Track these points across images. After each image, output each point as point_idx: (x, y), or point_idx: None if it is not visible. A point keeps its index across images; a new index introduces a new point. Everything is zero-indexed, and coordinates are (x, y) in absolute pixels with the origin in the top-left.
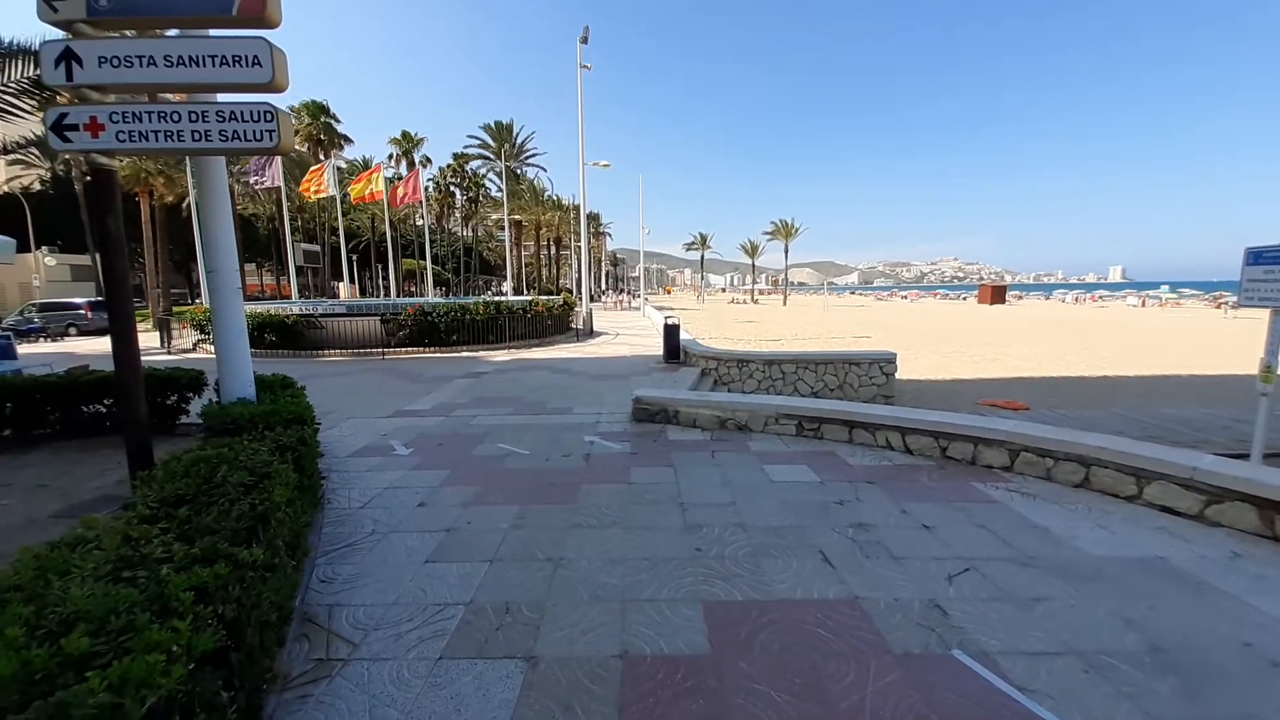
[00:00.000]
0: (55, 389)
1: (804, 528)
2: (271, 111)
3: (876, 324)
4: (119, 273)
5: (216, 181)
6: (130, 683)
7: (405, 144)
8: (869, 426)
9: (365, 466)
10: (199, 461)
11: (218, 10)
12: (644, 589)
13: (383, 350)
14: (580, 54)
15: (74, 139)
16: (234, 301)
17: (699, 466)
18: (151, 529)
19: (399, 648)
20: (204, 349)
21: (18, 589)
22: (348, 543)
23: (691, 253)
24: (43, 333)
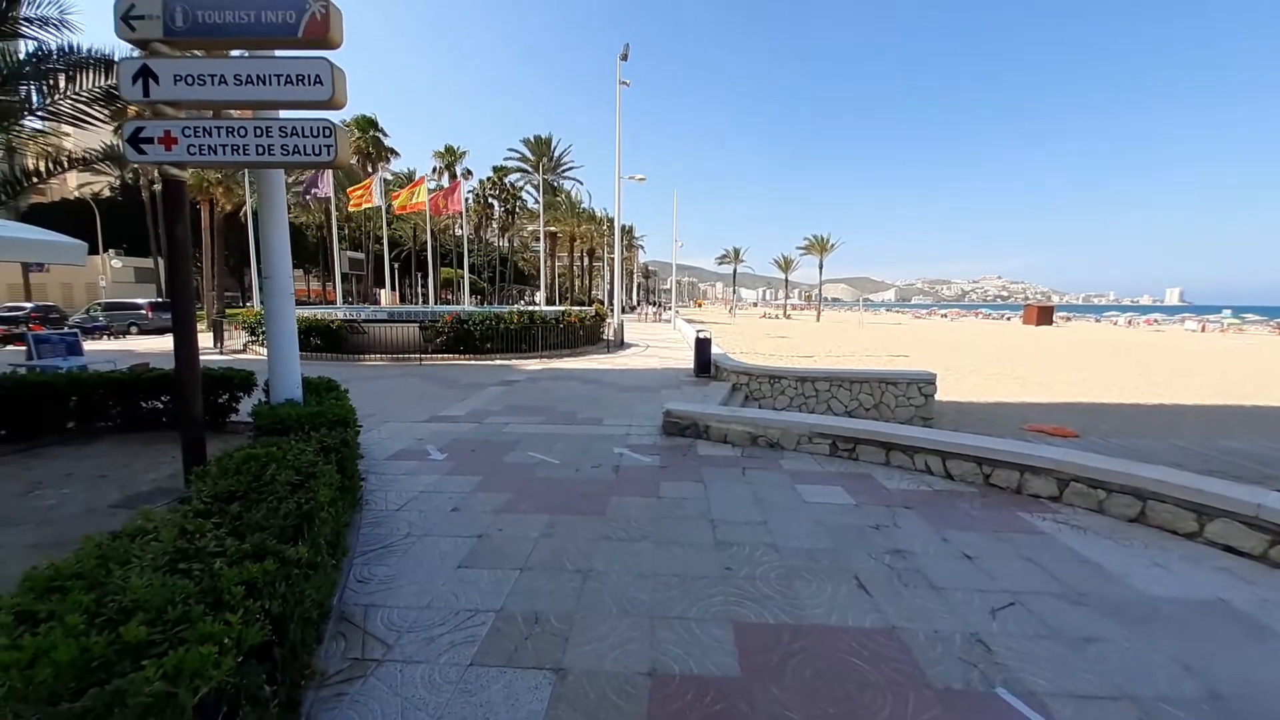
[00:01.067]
0: (118, 385)
1: (838, 551)
2: (330, 127)
3: (914, 342)
4: (184, 277)
5: (276, 193)
6: (184, 673)
7: (448, 157)
8: (907, 449)
9: (402, 470)
10: (250, 459)
11: (284, 33)
12: (673, 606)
13: (420, 356)
14: (620, 70)
15: (149, 151)
16: (287, 306)
17: (730, 483)
18: (205, 523)
19: (431, 651)
20: (253, 350)
21: (80, 577)
22: (384, 544)
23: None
24: (107, 331)
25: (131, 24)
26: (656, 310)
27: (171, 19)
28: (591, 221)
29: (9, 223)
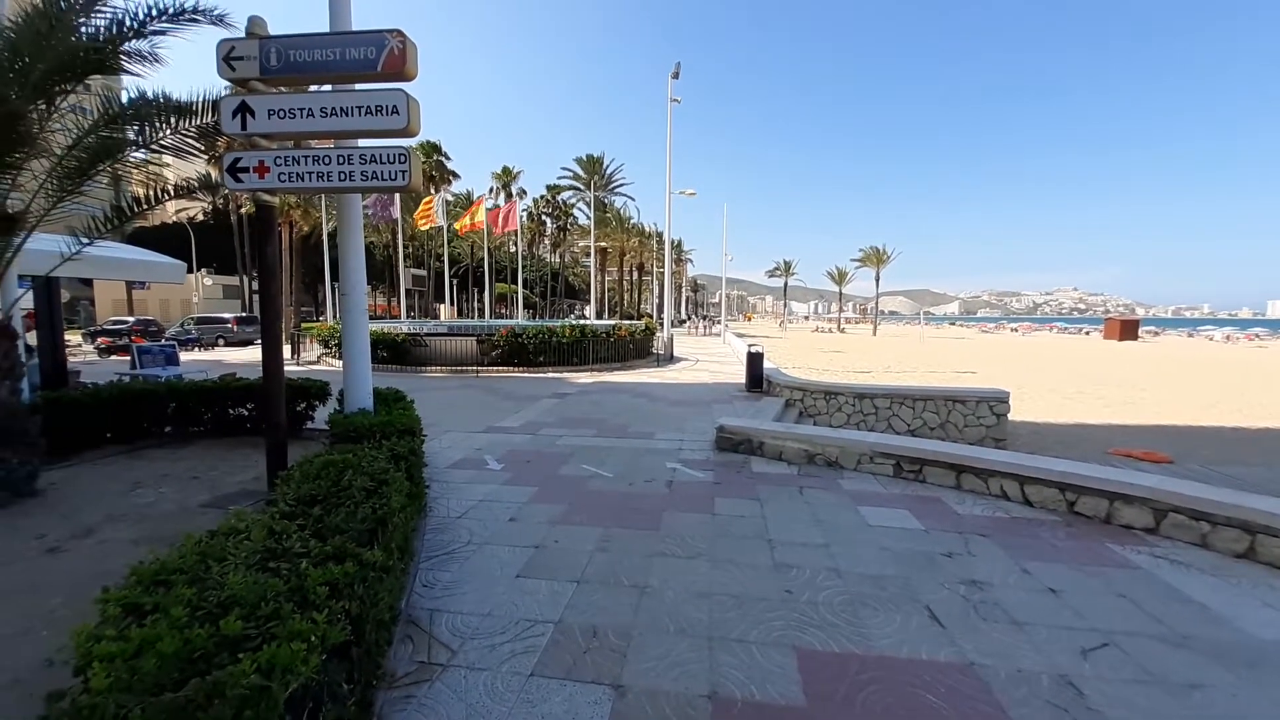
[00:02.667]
0: (209, 393)
1: (907, 579)
2: (405, 154)
3: (982, 358)
4: (272, 293)
5: (354, 216)
6: (277, 667)
7: (505, 178)
8: (980, 472)
9: (462, 478)
10: (329, 465)
11: (365, 68)
12: (732, 627)
13: (477, 368)
14: (671, 89)
15: (244, 179)
16: (361, 322)
17: (787, 502)
18: (290, 525)
19: (493, 659)
20: (326, 361)
21: (182, 571)
22: (446, 550)
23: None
24: (198, 343)
25: (232, 64)
26: (705, 324)
27: (267, 59)
28: (641, 236)
29: (119, 245)
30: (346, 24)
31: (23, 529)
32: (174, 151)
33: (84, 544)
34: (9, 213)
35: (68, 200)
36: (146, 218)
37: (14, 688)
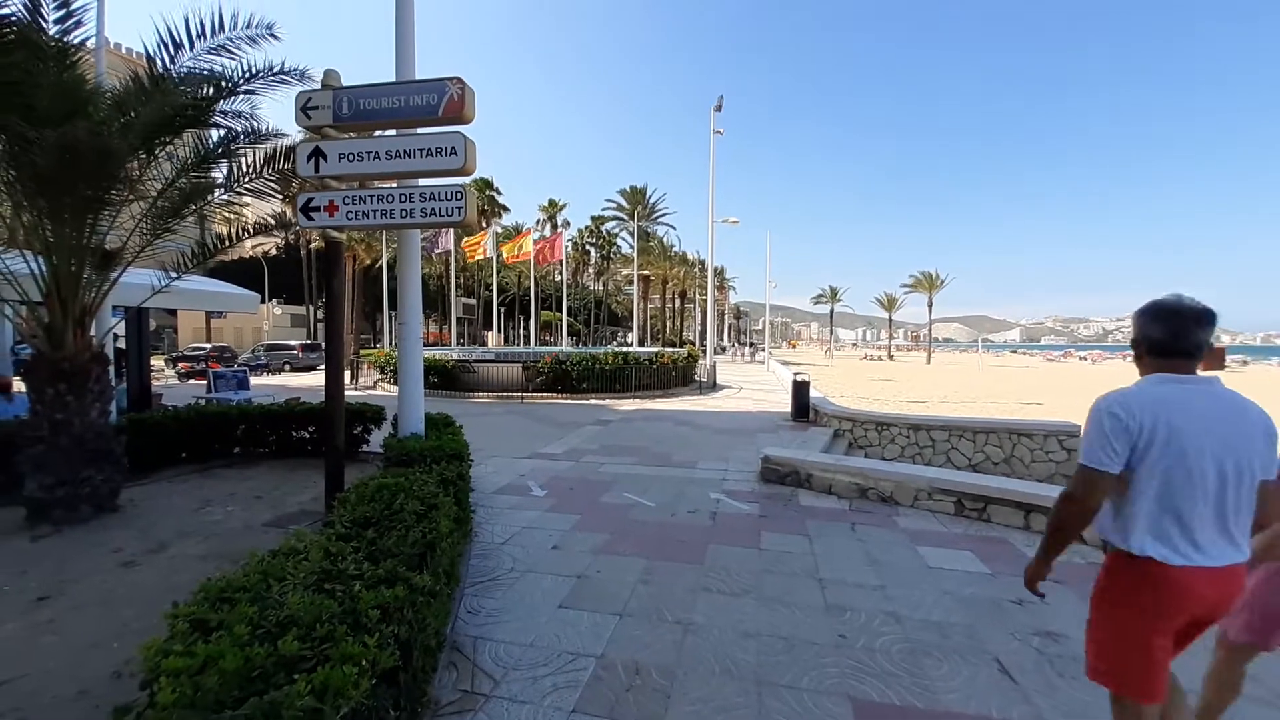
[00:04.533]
0: (275, 416)
1: (973, 627)
2: (461, 191)
3: (1048, 388)
4: (337, 323)
5: (412, 250)
6: (330, 690)
7: (551, 210)
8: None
9: (506, 504)
10: (382, 489)
11: (427, 113)
12: (781, 672)
13: (522, 395)
14: (714, 121)
15: (316, 218)
16: (416, 350)
17: (838, 538)
18: (346, 546)
19: (535, 692)
20: (382, 386)
21: (246, 590)
22: (490, 577)
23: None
24: (267, 368)
25: (308, 113)
26: (749, 351)
27: (339, 108)
28: (683, 264)
29: (202, 278)
30: (411, 73)
31: (102, 543)
32: (254, 194)
33: (157, 558)
34: (107, 249)
35: (160, 238)
36: (227, 253)
37: (81, 699)
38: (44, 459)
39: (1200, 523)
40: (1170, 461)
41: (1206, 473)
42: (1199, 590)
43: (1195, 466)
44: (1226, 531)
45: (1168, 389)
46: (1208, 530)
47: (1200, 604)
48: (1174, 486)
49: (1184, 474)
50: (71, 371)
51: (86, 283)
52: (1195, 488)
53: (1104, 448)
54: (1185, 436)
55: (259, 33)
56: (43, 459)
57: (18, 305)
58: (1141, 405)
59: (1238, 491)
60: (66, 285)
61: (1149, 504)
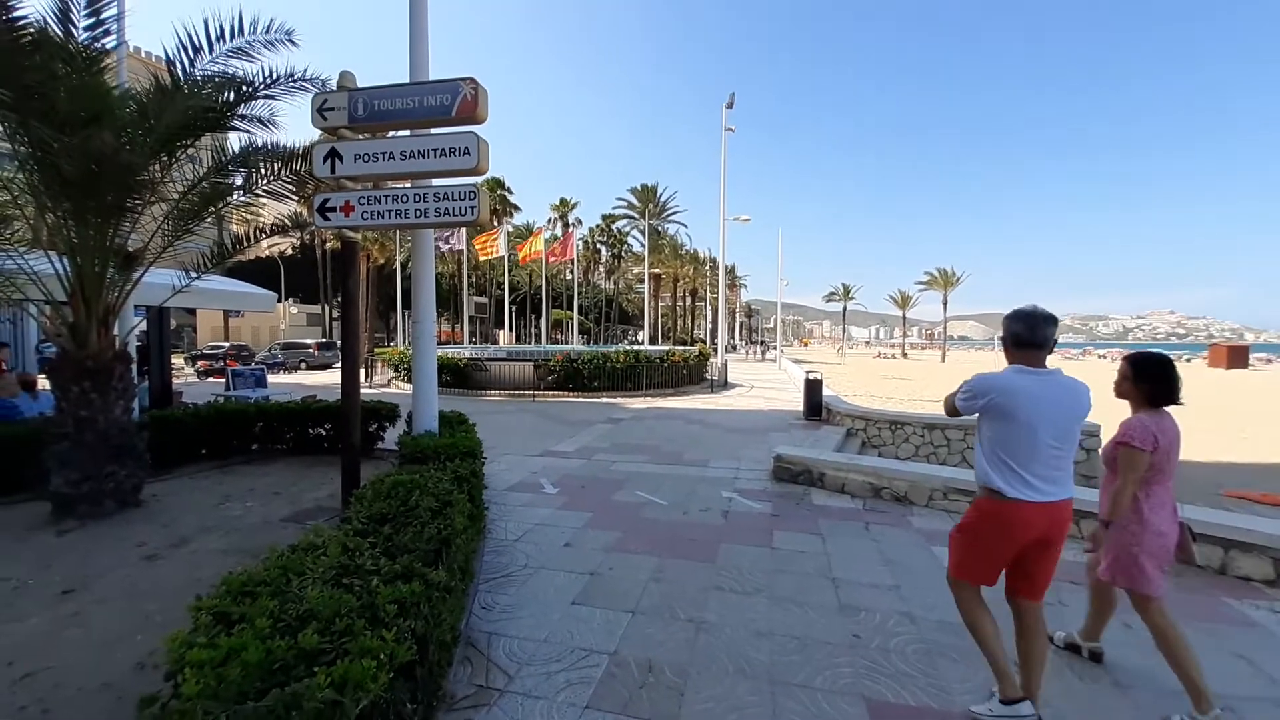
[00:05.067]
0: (292, 414)
1: None
2: (474, 191)
3: None
4: (353, 322)
5: (426, 249)
6: (349, 684)
7: (562, 209)
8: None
9: (519, 501)
10: (398, 485)
11: (441, 114)
12: (795, 672)
13: (534, 393)
14: (725, 118)
15: (332, 218)
16: (430, 348)
17: (851, 538)
18: (363, 542)
19: (549, 688)
20: (396, 385)
21: (267, 584)
22: (504, 573)
23: (831, 304)
24: (283, 366)
25: (324, 115)
26: (760, 349)
27: (354, 109)
28: (694, 262)
29: (220, 278)
30: (425, 73)
31: (126, 537)
32: (271, 195)
33: (179, 552)
34: (129, 251)
35: (180, 239)
36: (244, 253)
37: (105, 691)
38: (69, 455)
39: (1032, 470)
40: (1011, 426)
41: (1036, 434)
42: (1034, 520)
43: (1027, 430)
44: (1051, 477)
45: (1019, 377)
46: (1039, 475)
47: (1035, 528)
48: (1013, 445)
49: (1019, 435)
50: (95, 369)
51: (110, 283)
52: (1028, 445)
53: (965, 404)
54: (1021, 410)
55: (277, 37)
56: (68, 455)
57: (43, 305)
58: (995, 386)
59: (1060, 449)
60: (90, 285)
61: (997, 455)
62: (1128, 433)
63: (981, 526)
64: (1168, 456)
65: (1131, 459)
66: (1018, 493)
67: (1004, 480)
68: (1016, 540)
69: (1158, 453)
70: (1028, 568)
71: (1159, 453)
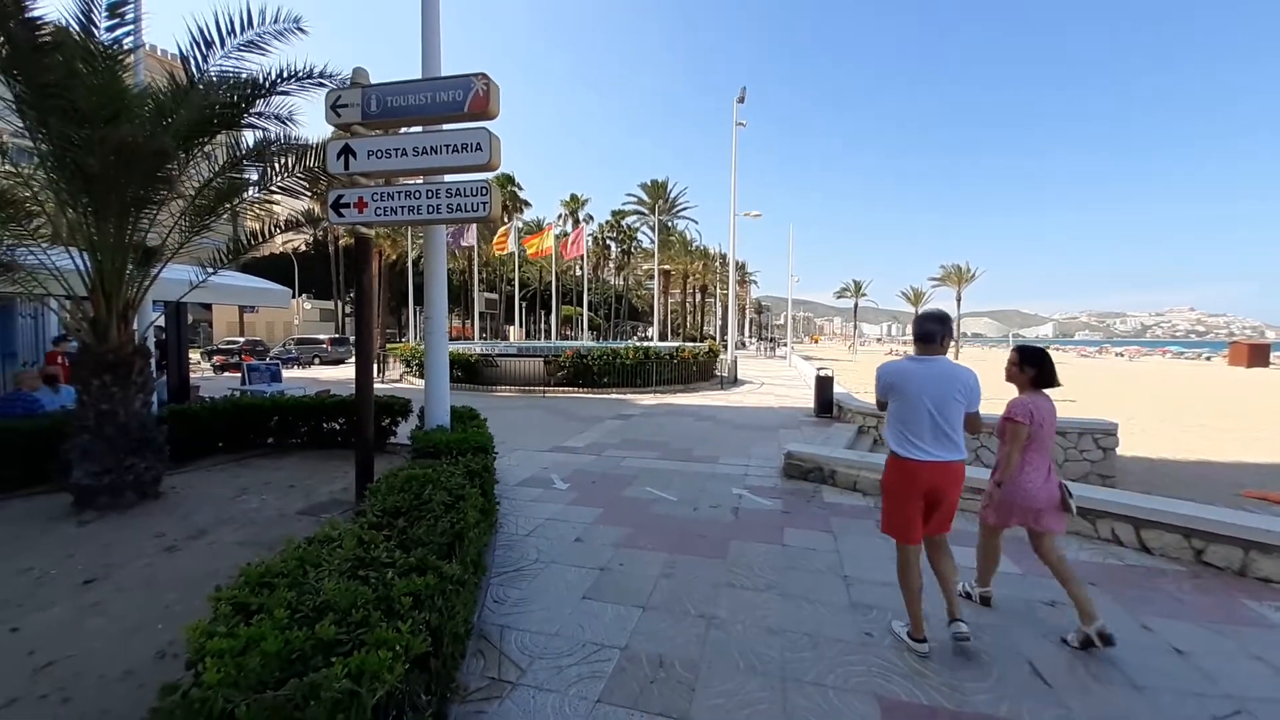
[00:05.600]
0: (307, 408)
1: (1004, 629)
2: (486, 187)
3: (1083, 385)
4: (366, 318)
5: (438, 246)
6: (366, 674)
7: (572, 205)
8: (1087, 512)
9: (529, 496)
10: (411, 479)
11: (453, 110)
12: (806, 669)
13: (544, 389)
14: (736, 112)
15: (345, 214)
16: (442, 344)
17: (863, 536)
18: (378, 535)
19: (560, 681)
20: (408, 380)
21: (284, 575)
22: (515, 567)
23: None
24: (297, 361)
25: (338, 111)
26: (770, 346)
27: (368, 105)
28: (704, 259)
29: (236, 273)
30: (437, 69)
31: (145, 528)
32: (284, 191)
33: (196, 544)
34: (148, 247)
35: (198, 235)
36: (259, 249)
37: (127, 679)
38: (90, 447)
39: (921, 436)
40: (904, 400)
41: (921, 406)
42: (926, 475)
43: (915, 402)
44: (939, 441)
45: (909, 363)
46: (926, 440)
47: (929, 483)
48: (905, 415)
49: (908, 408)
50: (116, 364)
51: (129, 278)
52: (915, 416)
53: (881, 392)
54: (910, 387)
55: (287, 27)
56: (89, 447)
57: (64, 300)
58: (894, 371)
59: (944, 418)
60: (110, 281)
61: (896, 425)
62: (1012, 410)
63: (889, 481)
64: (1042, 429)
65: (1015, 431)
66: (909, 453)
67: (899, 444)
68: (914, 491)
69: (1034, 426)
70: (931, 515)
71: (1035, 426)
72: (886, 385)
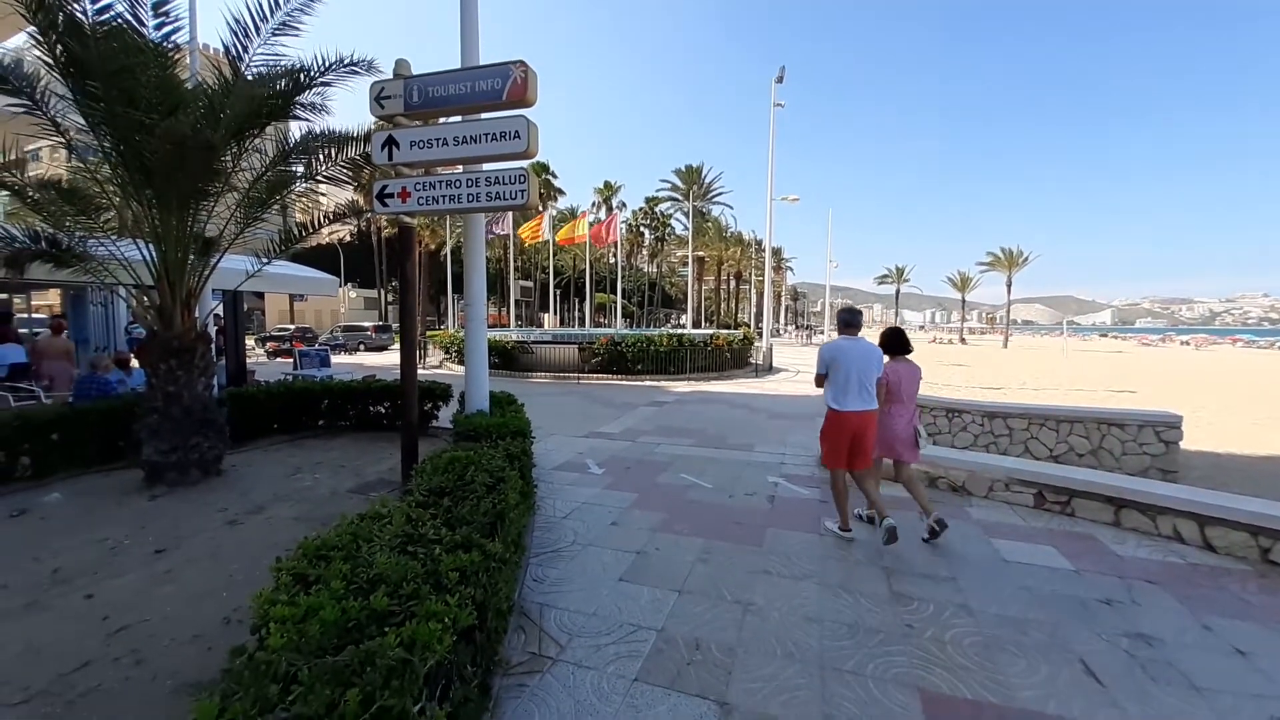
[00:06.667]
0: (354, 392)
1: (1055, 625)
2: (525, 174)
3: (1145, 375)
4: (410, 305)
5: (477, 234)
6: (418, 644)
7: (606, 192)
8: (1147, 508)
9: (565, 480)
10: (454, 461)
11: (492, 98)
12: (845, 658)
13: (578, 375)
14: (774, 93)
15: (389, 204)
16: (481, 331)
17: (904, 527)
18: (424, 513)
19: (599, 659)
20: (447, 366)
21: (339, 549)
22: (553, 548)
23: (883, 287)
24: (343, 348)
25: (381, 103)
26: (806, 334)
27: (410, 96)
28: (739, 245)
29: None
30: (475, 57)
31: (209, 503)
32: (330, 182)
33: (256, 518)
34: (207, 237)
35: (251, 227)
36: (307, 240)
37: (195, 642)
38: (159, 427)
39: (849, 394)
40: (838, 370)
41: (850, 374)
42: (851, 422)
43: (845, 371)
44: (860, 398)
45: (841, 341)
46: (852, 396)
47: (852, 427)
48: (838, 379)
49: (843, 375)
50: (180, 349)
51: (190, 267)
52: (844, 380)
53: (822, 368)
54: (841, 361)
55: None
56: (158, 427)
57: (131, 289)
58: (833, 348)
59: (862, 381)
60: (174, 270)
61: (832, 387)
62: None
63: (827, 428)
64: (900, 386)
65: (883, 388)
66: (841, 406)
67: (835, 402)
68: (843, 434)
69: (894, 383)
70: (854, 450)
71: (894, 384)
72: (829, 360)
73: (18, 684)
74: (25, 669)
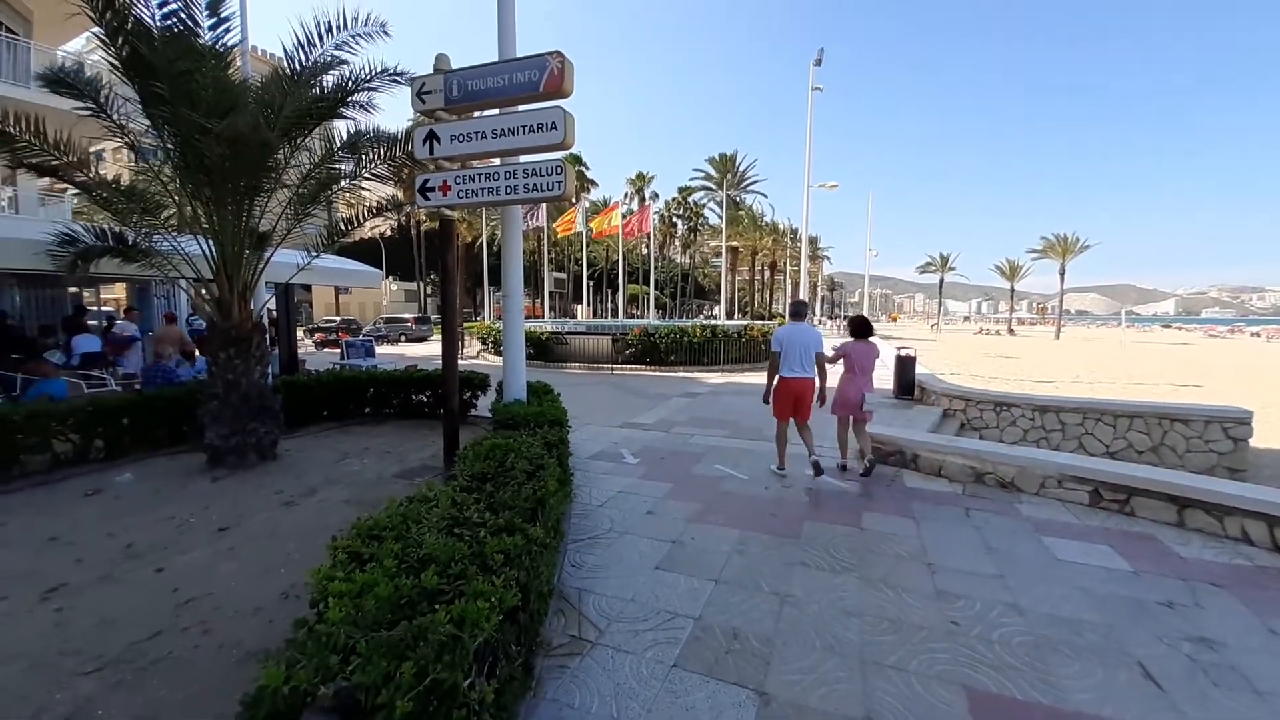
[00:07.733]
0: (398, 381)
1: (1111, 627)
2: (561, 166)
3: (1211, 368)
4: (450, 296)
5: (515, 226)
6: (467, 621)
7: (638, 183)
8: (1212, 508)
9: (601, 470)
10: (495, 448)
11: (529, 90)
12: (887, 653)
13: (612, 366)
14: (813, 76)
15: (431, 198)
16: (518, 322)
17: (949, 524)
18: (469, 498)
19: (637, 644)
20: (484, 357)
21: (389, 529)
22: (590, 535)
23: (925, 276)
24: (385, 338)
25: (423, 98)
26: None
27: (450, 91)
28: (774, 234)
29: (333, 257)
30: (512, 49)
31: (266, 485)
32: (375, 178)
33: (310, 500)
34: (261, 232)
35: (301, 222)
36: (353, 234)
37: (257, 614)
38: (219, 413)
39: (791, 365)
40: (786, 349)
41: (794, 351)
42: (794, 386)
43: (789, 349)
44: (801, 368)
45: (788, 327)
46: (796, 367)
47: (795, 390)
48: (788, 353)
49: (787, 351)
50: (238, 338)
51: (246, 261)
52: (789, 356)
53: (775, 347)
54: (787, 341)
55: (373, 30)
56: (219, 413)
57: (192, 282)
58: (781, 333)
59: (802, 357)
60: (231, 263)
61: (784, 360)
62: (837, 349)
63: (778, 391)
64: (852, 359)
65: (838, 360)
66: (788, 374)
67: (785, 371)
68: (788, 396)
69: (848, 358)
70: (796, 407)
71: (848, 358)
72: (781, 340)
73: (91, 653)
74: (101, 638)
